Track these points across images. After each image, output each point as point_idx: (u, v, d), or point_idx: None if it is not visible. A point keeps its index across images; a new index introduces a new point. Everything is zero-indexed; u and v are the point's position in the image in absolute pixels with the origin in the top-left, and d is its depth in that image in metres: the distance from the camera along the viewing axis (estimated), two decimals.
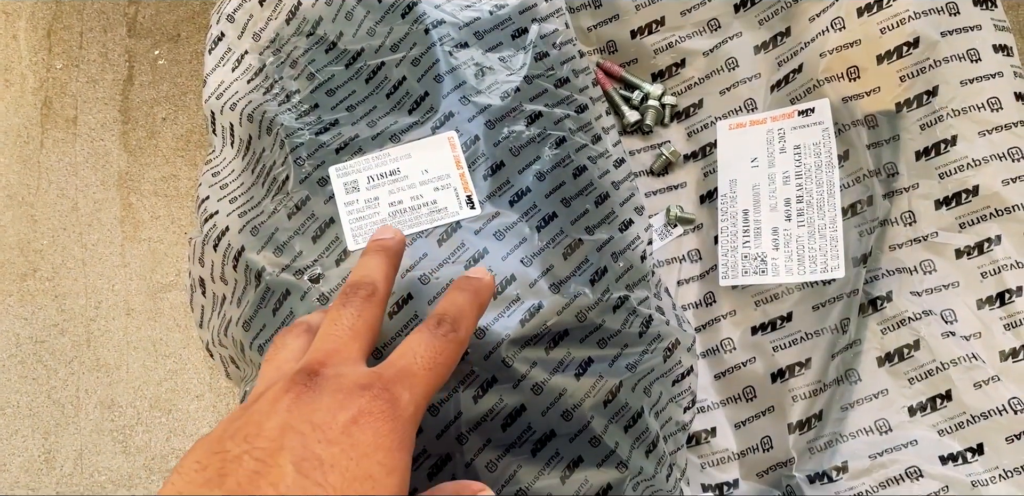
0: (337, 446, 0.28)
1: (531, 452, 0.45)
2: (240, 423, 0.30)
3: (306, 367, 0.32)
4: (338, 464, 0.28)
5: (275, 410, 0.30)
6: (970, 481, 0.49)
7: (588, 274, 0.48)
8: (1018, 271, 0.50)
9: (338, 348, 0.34)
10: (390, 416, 0.30)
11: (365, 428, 0.29)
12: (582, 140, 0.52)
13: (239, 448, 0.28)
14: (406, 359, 0.34)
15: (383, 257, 0.39)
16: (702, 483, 0.54)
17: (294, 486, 0.27)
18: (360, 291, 0.37)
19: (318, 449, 0.28)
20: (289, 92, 0.55)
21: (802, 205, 0.55)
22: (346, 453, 0.28)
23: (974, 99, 0.51)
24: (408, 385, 0.32)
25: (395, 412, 0.31)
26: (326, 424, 0.29)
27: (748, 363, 0.54)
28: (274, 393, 0.31)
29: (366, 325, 0.35)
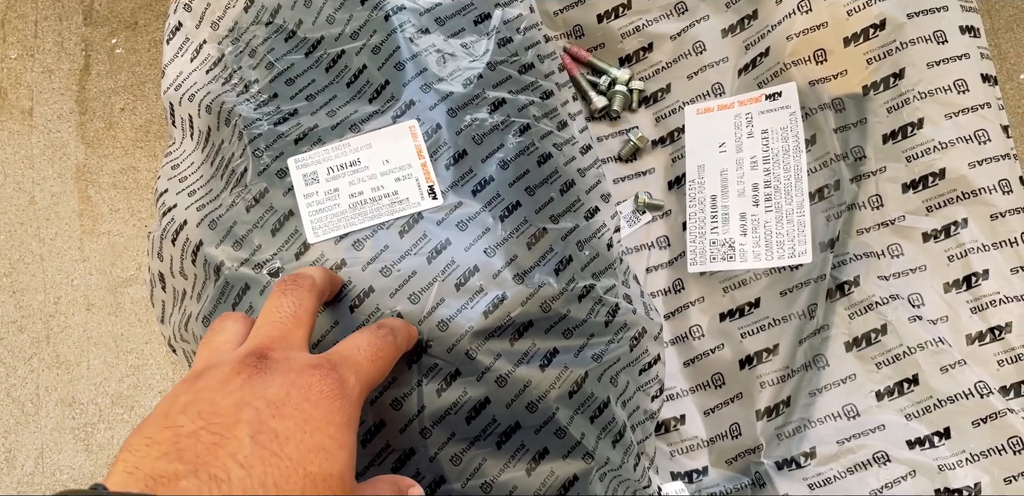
0: (291, 420, 0.30)
1: (496, 445, 0.44)
2: (189, 400, 0.30)
3: (255, 350, 0.33)
4: (293, 436, 0.29)
5: (227, 389, 0.31)
6: (937, 465, 0.49)
7: (553, 263, 0.47)
8: (985, 254, 0.50)
9: (283, 334, 0.35)
10: (340, 394, 0.32)
11: (317, 404, 0.31)
12: (547, 127, 0.51)
13: (194, 424, 0.29)
14: (350, 350, 0.36)
15: (318, 269, 0.42)
16: (671, 471, 0.54)
17: (252, 456, 0.28)
18: (301, 281, 0.38)
19: (273, 423, 0.29)
20: (248, 82, 0.53)
21: (770, 190, 0.54)
22: (300, 426, 0.30)
23: (941, 81, 0.50)
24: (353, 370, 0.34)
25: (343, 391, 0.32)
26: (279, 400, 0.30)
27: (716, 350, 0.54)
28: (222, 373, 0.32)
29: (307, 314, 0.37)
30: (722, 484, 0.52)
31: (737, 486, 0.52)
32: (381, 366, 0.36)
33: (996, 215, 0.50)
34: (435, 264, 0.45)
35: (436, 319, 0.44)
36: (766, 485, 0.51)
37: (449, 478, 0.44)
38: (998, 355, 0.49)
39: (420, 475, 0.43)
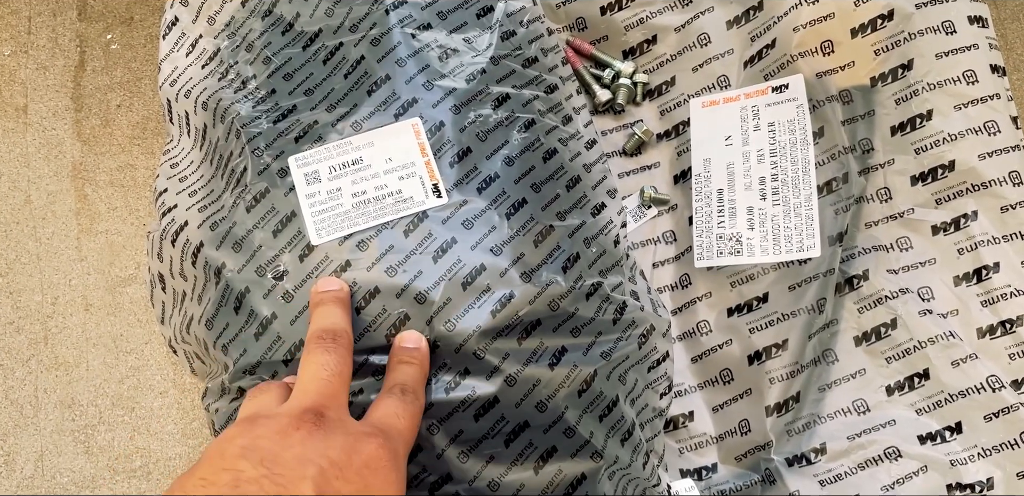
0: (353, 485, 0.30)
1: (504, 443, 0.44)
2: (246, 444, 0.31)
3: (312, 408, 0.34)
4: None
5: (288, 442, 0.31)
6: (949, 460, 0.49)
7: (560, 261, 0.46)
8: (995, 247, 0.49)
9: (334, 393, 0.36)
10: (394, 465, 0.33)
11: (377, 472, 0.32)
12: (552, 122, 0.50)
13: (255, 471, 0.29)
14: (392, 418, 0.37)
15: (340, 306, 0.42)
16: (680, 468, 0.53)
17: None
18: (340, 339, 0.39)
19: (337, 484, 0.30)
20: (245, 78, 0.52)
21: (777, 183, 0.54)
22: (360, 492, 0.30)
23: (949, 72, 0.50)
24: (401, 440, 0.36)
25: (396, 462, 0.33)
26: (342, 462, 0.31)
27: (724, 345, 0.54)
28: (280, 425, 0.32)
29: (348, 370, 0.38)
30: (732, 481, 0.52)
31: (747, 483, 0.51)
32: (415, 432, 0.38)
33: (1006, 207, 0.49)
34: (441, 263, 0.45)
35: (443, 319, 0.44)
36: (776, 482, 0.51)
37: (456, 476, 0.43)
38: (1009, 349, 0.49)
39: (427, 472, 0.43)
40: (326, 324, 0.40)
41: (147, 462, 0.58)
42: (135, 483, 0.58)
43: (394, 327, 0.44)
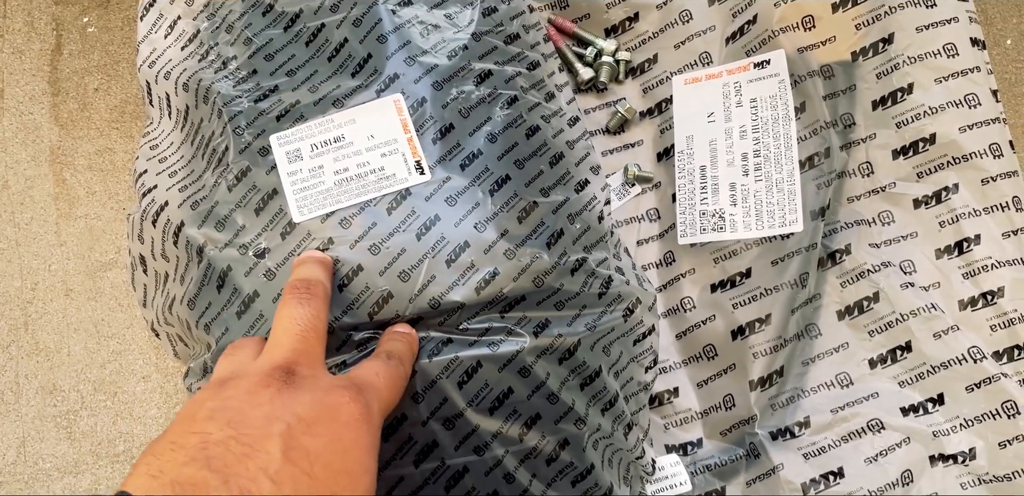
0: (321, 439, 0.30)
1: (488, 411, 0.44)
2: (216, 406, 0.30)
3: (282, 365, 0.33)
4: (323, 456, 0.29)
5: (256, 400, 0.30)
6: (931, 431, 0.49)
7: (544, 237, 0.46)
8: (976, 219, 0.50)
9: (307, 348, 0.35)
10: (366, 419, 0.32)
11: (347, 426, 0.31)
12: (535, 98, 0.50)
13: (222, 432, 0.28)
14: (369, 375, 0.36)
15: (320, 264, 0.42)
16: (666, 444, 0.54)
17: (283, 472, 0.27)
18: (315, 289, 0.38)
19: (304, 440, 0.29)
20: (225, 58, 0.52)
21: (759, 159, 0.54)
22: (330, 447, 0.30)
23: (930, 45, 0.50)
24: (376, 396, 0.35)
25: (369, 416, 0.32)
26: (311, 418, 0.30)
27: (708, 321, 0.54)
28: (249, 384, 0.32)
29: (324, 324, 0.37)
30: (717, 455, 0.52)
31: (732, 457, 0.52)
32: (396, 393, 0.37)
33: (987, 179, 0.49)
34: (425, 240, 0.45)
35: (427, 296, 0.44)
36: (760, 455, 0.51)
37: (442, 443, 0.43)
38: (991, 320, 0.49)
39: (412, 440, 0.43)
40: (302, 274, 0.40)
41: (130, 447, 0.58)
42: (118, 468, 0.57)
43: (377, 305, 0.44)
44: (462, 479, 0.43)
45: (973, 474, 0.48)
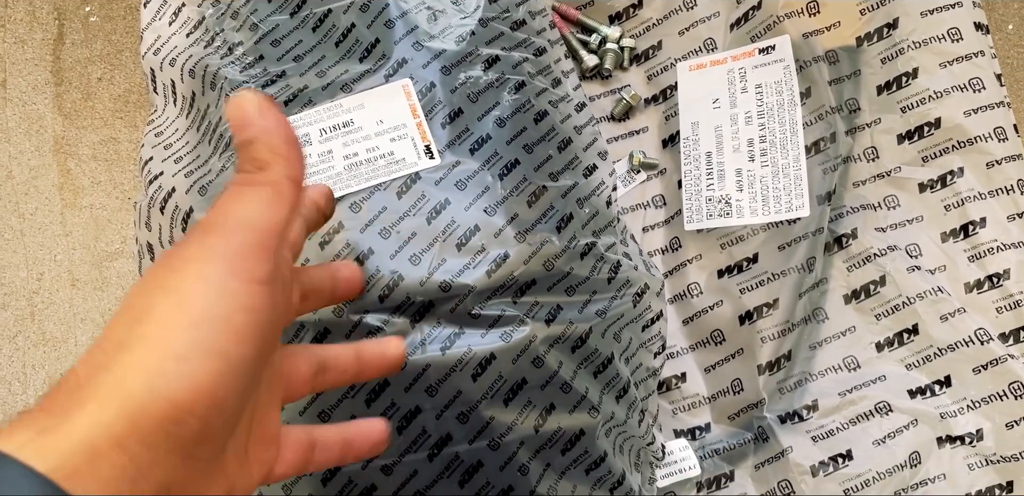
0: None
1: (503, 402, 0.44)
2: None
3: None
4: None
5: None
6: (939, 413, 0.50)
7: (554, 221, 0.46)
8: (981, 202, 0.50)
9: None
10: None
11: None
12: (542, 84, 0.50)
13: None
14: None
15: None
16: (674, 429, 0.54)
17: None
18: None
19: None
20: (232, 44, 0.52)
21: (765, 145, 0.54)
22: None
23: (934, 30, 0.50)
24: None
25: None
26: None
27: (715, 306, 0.54)
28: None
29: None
30: (725, 440, 0.53)
31: (740, 441, 0.52)
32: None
33: (992, 163, 0.50)
34: (435, 224, 0.45)
35: (438, 280, 0.44)
36: (769, 439, 0.51)
37: (456, 436, 0.43)
38: (997, 302, 0.49)
39: (426, 433, 0.43)
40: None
41: None
42: None
43: (388, 288, 0.44)
44: (477, 472, 0.43)
45: (981, 455, 0.49)
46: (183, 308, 0.21)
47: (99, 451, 0.20)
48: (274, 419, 0.27)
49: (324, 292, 0.32)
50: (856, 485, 0.49)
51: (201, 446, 0.22)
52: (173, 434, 0.21)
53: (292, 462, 0.28)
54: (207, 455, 0.22)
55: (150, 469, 0.20)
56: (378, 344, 0.32)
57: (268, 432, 0.27)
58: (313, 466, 0.29)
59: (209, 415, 0.21)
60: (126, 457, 0.20)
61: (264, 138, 0.24)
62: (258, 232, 0.23)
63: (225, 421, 0.22)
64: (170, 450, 0.21)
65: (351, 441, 0.30)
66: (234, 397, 0.22)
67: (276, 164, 0.24)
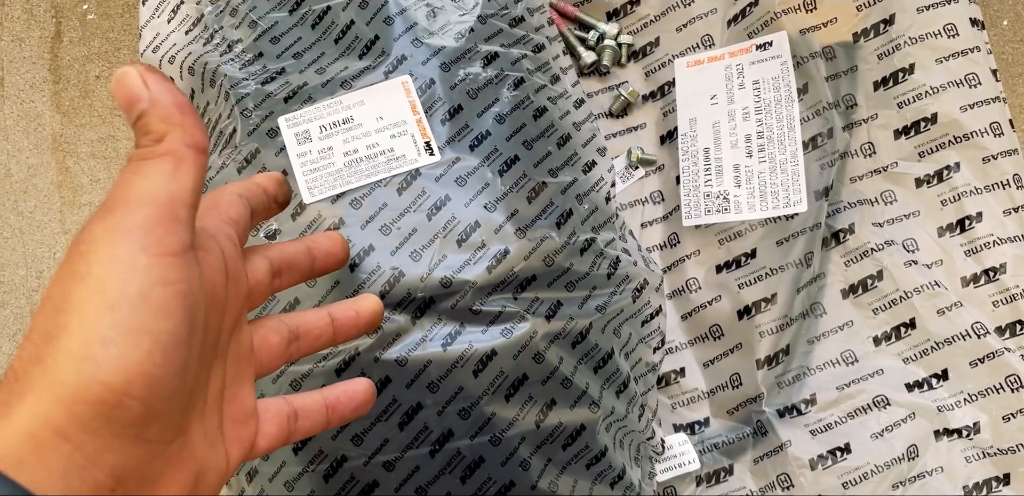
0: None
1: (504, 398, 0.44)
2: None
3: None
4: None
5: None
6: (936, 406, 0.50)
7: (554, 217, 0.47)
8: (977, 197, 0.50)
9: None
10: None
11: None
12: (541, 80, 0.50)
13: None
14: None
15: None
16: (673, 423, 0.54)
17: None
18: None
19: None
20: (231, 42, 0.52)
21: (763, 141, 0.54)
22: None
23: (930, 26, 0.51)
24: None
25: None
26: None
27: (714, 302, 0.54)
28: None
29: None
30: (724, 434, 0.53)
31: (739, 435, 0.52)
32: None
33: (988, 158, 0.50)
34: (435, 220, 0.45)
35: (438, 276, 0.44)
36: (768, 433, 0.52)
37: (457, 432, 0.44)
38: (993, 296, 0.50)
39: (428, 430, 0.43)
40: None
41: None
42: None
43: (388, 284, 0.44)
44: (478, 468, 0.44)
45: (978, 447, 0.49)
46: (98, 291, 0.21)
47: (41, 441, 0.20)
48: (247, 395, 0.27)
49: (301, 266, 0.31)
50: (854, 478, 0.49)
51: (148, 427, 0.21)
52: (115, 418, 0.20)
53: (274, 435, 0.27)
54: (158, 437, 0.22)
55: (99, 455, 0.20)
56: (351, 304, 0.31)
57: (243, 409, 0.26)
58: (298, 435, 0.28)
59: (148, 395, 0.21)
60: (70, 445, 0.20)
61: (154, 110, 0.23)
62: (162, 204, 0.22)
63: (169, 400, 0.22)
64: (116, 434, 0.20)
65: (335, 405, 0.30)
66: (173, 374, 0.21)
67: (172, 133, 0.23)
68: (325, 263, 0.31)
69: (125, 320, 0.21)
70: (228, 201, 0.28)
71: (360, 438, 0.44)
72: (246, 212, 0.28)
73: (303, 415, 0.29)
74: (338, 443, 0.44)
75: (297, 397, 0.29)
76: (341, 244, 0.32)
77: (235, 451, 0.26)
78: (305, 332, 0.30)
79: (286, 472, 0.45)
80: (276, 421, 0.28)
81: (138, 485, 0.22)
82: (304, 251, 0.31)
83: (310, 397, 0.29)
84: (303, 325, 0.30)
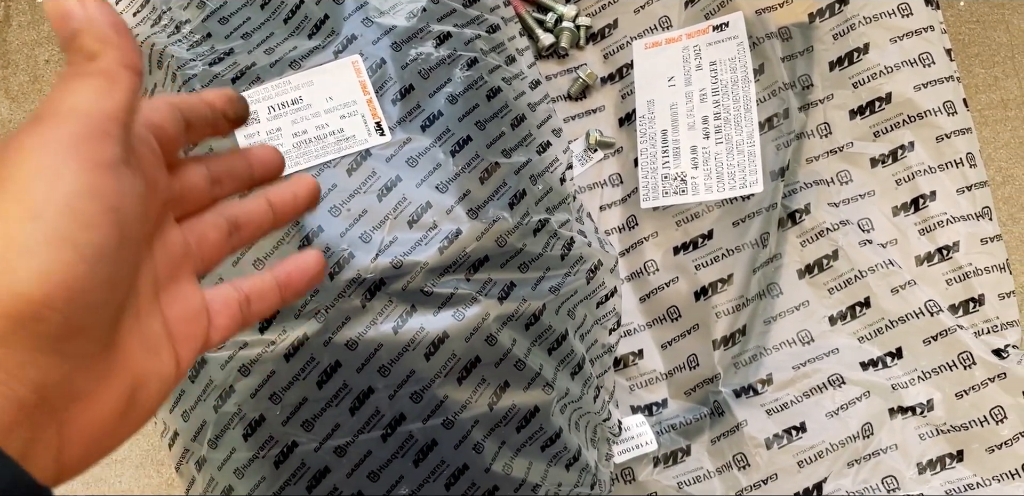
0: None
1: (457, 381, 0.44)
2: None
3: None
4: None
5: None
6: (890, 385, 0.50)
7: (506, 198, 0.46)
8: (931, 176, 0.50)
9: None
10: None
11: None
12: (495, 61, 0.50)
13: None
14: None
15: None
16: (631, 405, 0.54)
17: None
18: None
19: None
20: (179, 23, 0.51)
21: (720, 122, 0.54)
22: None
23: (884, 6, 0.50)
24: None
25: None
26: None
27: (671, 283, 0.54)
28: None
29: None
30: (682, 415, 0.53)
31: (697, 416, 0.52)
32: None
33: (941, 137, 0.50)
34: (386, 202, 0.44)
35: (389, 257, 0.43)
36: (725, 413, 0.52)
37: (409, 416, 0.43)
38: (946, 274, 0.50)
39: (379, 414, 0.43)
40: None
41: None
42: None
43: (338, 265, 0.43)
44: (431, 451, 0.43)
45: (931, 425, 0.49)
46: (21, 200, 0.20)
47: None
48: (191, 293, 0.26)
49: (240, 174, 0.30)
50: (810, 456, 0.49)
51: (71, 341, 0.21)
52: (35, 332, 0.20)
53: (228, 326, 0.27)
54: (82, 350, 0.21)
55: (20, 370, 0.20)
56: (288, 186, 0.31)
57: (189, 307, 0.26)
58: (254, 318, 0.28)
59: (70, 308, 0.20)
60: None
61: (89, 28, 0.22)
62: (93, 119, 0.21)
63: (92, 313, 0.21)
64: (36, 348, 0.20)
65: (287, 281, 0.29)
66: (97, 287, 0.21)
67: (106, 53, 0.22)
68: (264, 170, 0.30)
69: (48, 230, 0.20)
70: (153, 106, 0.27)
71: (311, 423, 0.43)
72: (176, 122, 0.27)
73: (256, 298, 0.28)
74: (288, 428, 0.43)
75: (246, 281, 0.28)
76: (275, 153, 0.31)
77: (186, 350, 0.25)
78: (245, 221, 0.29)
79: (236, 458, 0.44)
80: (227, 312, 0.27)
81: (64, 400, 0.21)
82: (241, 159, 0.30)
83: (260, 278, 0.29)
84: (242, 215, 0.29)
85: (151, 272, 0.25)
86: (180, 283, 0.26)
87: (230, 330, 0.27)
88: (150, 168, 0.25)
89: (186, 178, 0.27)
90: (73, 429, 0.21)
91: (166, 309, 0.25)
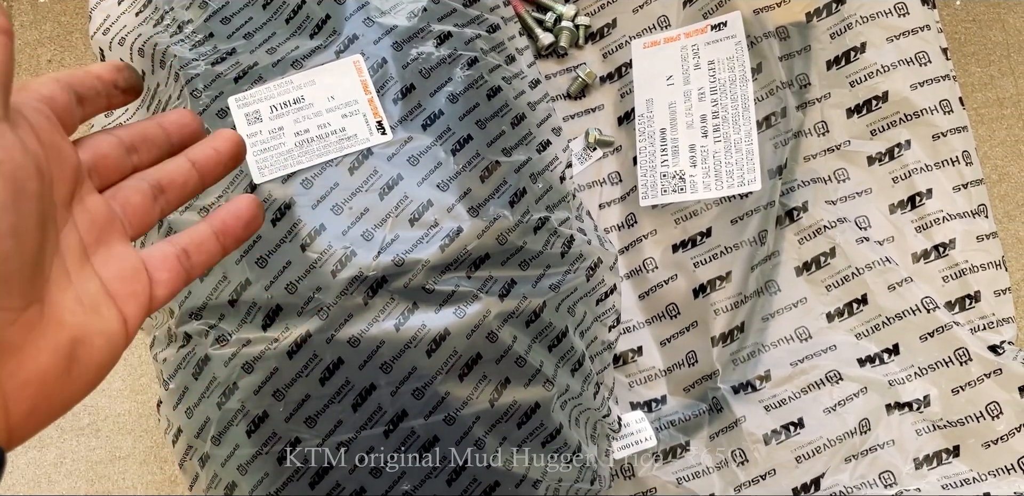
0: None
1: (459, 377, 0.44)
2: None
3: None
4: None
5: None
6: (887, 381, 0.51)
7: (507, 196, 0.47)
8: (928, 174, 0.51)
9: None
10: None
11: None
12: (495, 60, 0.50)
13: None
14: None
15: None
16: (631, 401, 0.55)
17: None
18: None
19: None
20: (181, 22, 0.51)
21: (718, 120, 0.54)
22: None
23: (882, 5, 0.51)
24: None
25: None
26: None
27: (670, 281, 0.55)
28: None
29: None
30: (681, 411, 0.53)
31: (695, 412, 0.53)
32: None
33: (938, 135, 0.51)
34: (387, 200, 0.45)
35: (391, 255, 0.44)
36: (723, 409, 0.52)
37: (411, 412, 0.43)
38: (943, 271, 0.50)
39: (382, 410, 0.43)
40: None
41: (95, 419, 0.57)
42: (84, 441, 0.57)
43: (340, 263, 0.44)
44: (433, 447, 0.44)
45: (928, 420, 0.50)
46: None
47: None
48: (126, 254, 0.27)
49: (156, 140, 0.30)
50: (807, 452, 0.50)
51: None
52: None
53: (171, 280, 0.27)
54: (5, 304, 0.22)
55: None
56: (208, 143, 0.31)
57: (126, 266, 0.26)
58: (198, 270, 0.28)
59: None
60: None
61: None
62: None
63: (8, 267, 0.22)
64: None
65: (223, 229, 0.29)
66: (4, 242, 0.21)
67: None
68: (181, 134, 0.30)
69: None
70: (40, 82, 0.27)
71: (313, 420, 0.44)
72: (65, 95, 0.28)
73: (194, 250, 0.28)
74: (291, 425, 0.44)
75: (181, 235, 0.29)
76: (190, 115, 0.31)
77: (132, 308, 0.26)
78: (168, 183, 0.29)
79: (239, 455, 0.44)
80: (167, 266, 0.27)
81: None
82: (155, 126, 0.30)
83: (195, 230, 0.29)
84: (163, 176, 0.29)
85: (75, 235, 0.26)
86: (111, 246, 0.27)
87: (175, 284, 0.27)
88: (46, 134, 0.25)
89: (96, 147, 0.28)
90: (13, 384, 0.22)
91: (101, 270, 0.26)
